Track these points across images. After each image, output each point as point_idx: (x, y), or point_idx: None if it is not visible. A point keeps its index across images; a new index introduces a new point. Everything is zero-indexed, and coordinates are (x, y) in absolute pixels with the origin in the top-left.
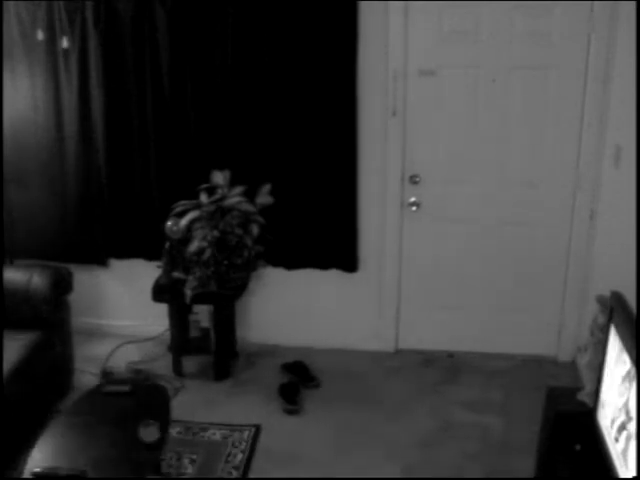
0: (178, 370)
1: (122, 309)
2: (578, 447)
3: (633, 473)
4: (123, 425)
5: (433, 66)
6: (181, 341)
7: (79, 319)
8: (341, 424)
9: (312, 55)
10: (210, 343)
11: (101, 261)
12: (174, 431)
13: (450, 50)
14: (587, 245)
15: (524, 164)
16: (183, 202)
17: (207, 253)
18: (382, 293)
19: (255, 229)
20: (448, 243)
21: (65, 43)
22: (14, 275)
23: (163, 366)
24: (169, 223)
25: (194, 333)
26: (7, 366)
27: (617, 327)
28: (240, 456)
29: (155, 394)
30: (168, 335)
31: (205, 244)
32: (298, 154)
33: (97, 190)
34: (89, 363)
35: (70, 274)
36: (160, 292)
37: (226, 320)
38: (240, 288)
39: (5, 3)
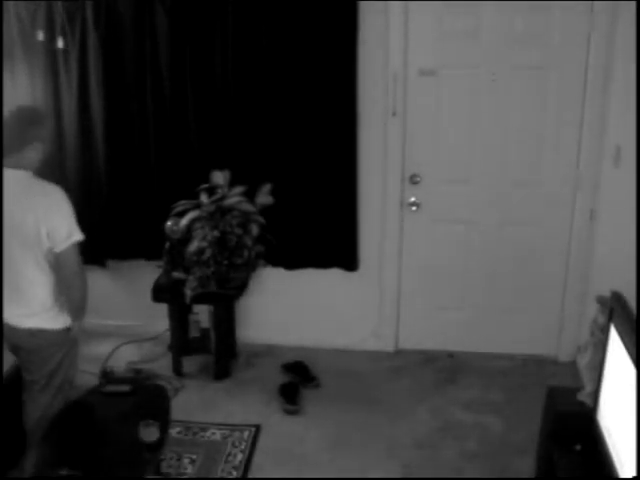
0: (178, 370)
1: (122, 309)
2: (578, 447)
3: (633, 473)
4: (123, 425)
5: (433, 66)
6: (181, 341)
7: None
8: (341, 424)
9: (312, 55)
10: (210, 343)
11: (101, 262)
12: (174, 431)
13: (450, 50)
14: (587, 245)
15: (524, 164)
16: (183, 202)
17: (207, 253)
18: (382, 293)
19: (255, 229)
20: (448, 243)
21: (65, 43)
22: None
23: (163, 366)
24: (169, 223)
25: (194, 333)
26: (7, 366)
27: (617, 327)
28: (240, 456)
29: (155, 394)
30: (168, 335)
31: (205, 244)
32: (298, 154)
33: (97, 190)
34: (89, 363)
35: None
36: (160, 292)
37: (226, 320)
38: (240, 288)
39: (5, 3)
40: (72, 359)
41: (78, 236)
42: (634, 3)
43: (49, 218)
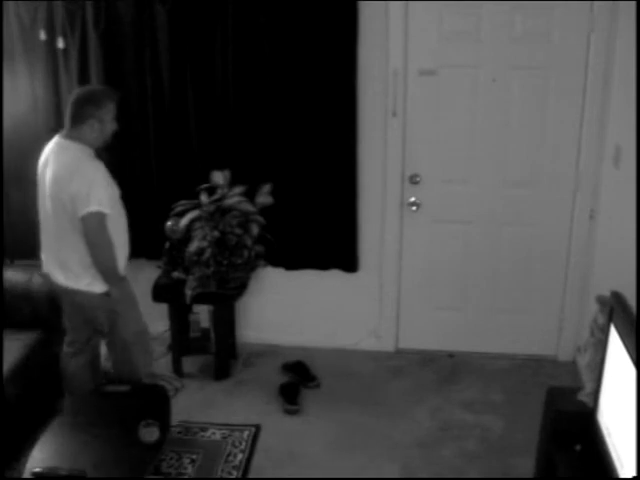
0: (178, 370)
1: None
2: (578, 447)
3: (633, 473)
4: (123, 425)
5: (433, 66)
6: (181, 341)
7: None
8: (341, 424)
9: (312, 55)
10: (210, 343)
11: None
12: (174, 431)
13: (450, 50)
14: (587, 245)
15: (524, 164)
16: (183, 202)
17: (207, 253)
18: (382, 293)
19: (255, 229)
20: (448, 243)
21: (65, 43)
22: (14, 275)
23: (163, 366)
24: (169, 223)
25: (194, 333)
26: (7, 366)
27: (617, 327)
28: (240, 456)
29: (155, 394)
30: (168, 335)
31: (205, 244)
32: (298, 154)
33: None
34: None
35: None
36: (160, 292)
37: (226, 320)
38: (240, 288)
39: (5, 3)
40: (129, 316)
41: (95, 207)
42: (634, 3)
43: (72, 184)
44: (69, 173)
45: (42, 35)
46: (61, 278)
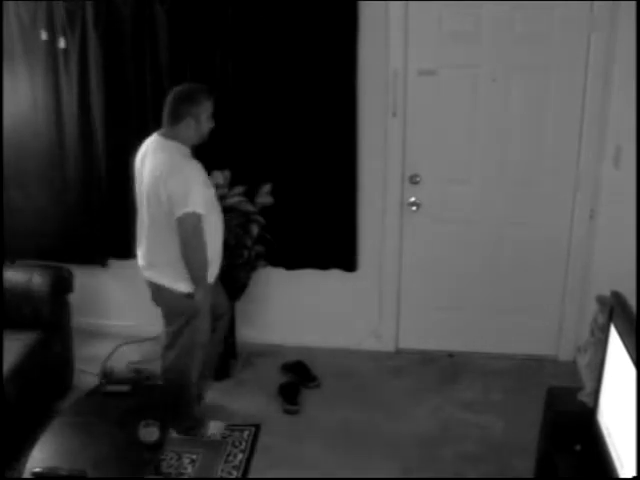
0: None
1: (122, 309)
2: (578, 447)
3: (633, 473)
4: (123, 425)
5: (433, 66)
6: None
7: (79, 319)
8: (341, 424)
9: (312, 55)
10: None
11: (101, 261)
12: (174, 431)
13: (450, 50)
14: (587, 245)
15: (524, 164)
16: None
17: None
18: (382, 293)
19: (255, 229)
20: (448, 243)
21: (65, 43)
22: (14, 275)
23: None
24: None
25: None
26: (7, 366)
27: (617, 327)
28: (240, 456)
29: (155, 394)
30: None
31: None
32: (298, 154)
33: (97, 190)
34: (89, 363)
35: (70, 274)
36: None
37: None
38: (240, 288)
39: (5, 3)
40: (198, 325)
41: (191, 208)
42: (634, 3)
43: (169, 183)
44: (166, 172)
45: (43, 35)
46: (150, 273)
